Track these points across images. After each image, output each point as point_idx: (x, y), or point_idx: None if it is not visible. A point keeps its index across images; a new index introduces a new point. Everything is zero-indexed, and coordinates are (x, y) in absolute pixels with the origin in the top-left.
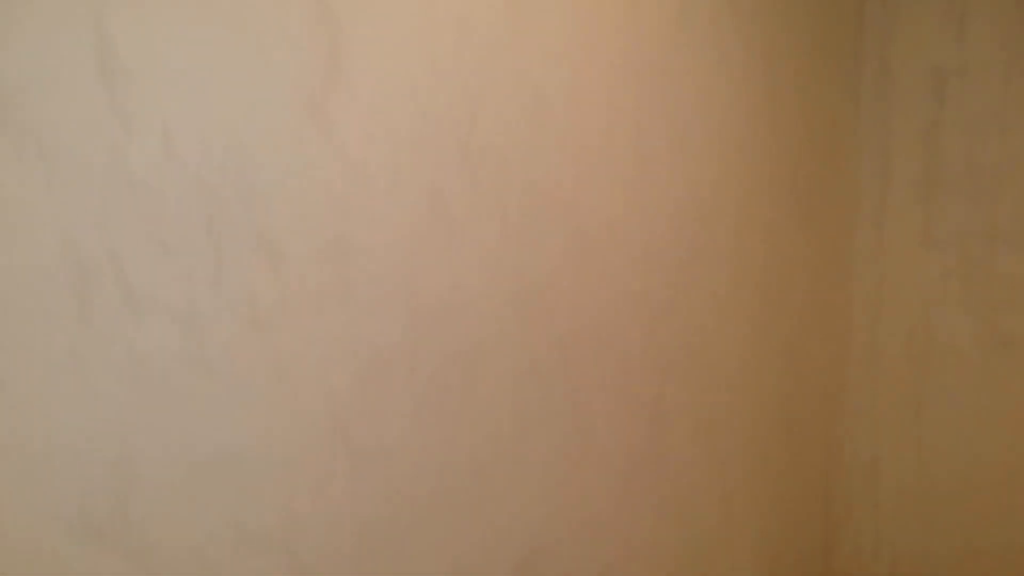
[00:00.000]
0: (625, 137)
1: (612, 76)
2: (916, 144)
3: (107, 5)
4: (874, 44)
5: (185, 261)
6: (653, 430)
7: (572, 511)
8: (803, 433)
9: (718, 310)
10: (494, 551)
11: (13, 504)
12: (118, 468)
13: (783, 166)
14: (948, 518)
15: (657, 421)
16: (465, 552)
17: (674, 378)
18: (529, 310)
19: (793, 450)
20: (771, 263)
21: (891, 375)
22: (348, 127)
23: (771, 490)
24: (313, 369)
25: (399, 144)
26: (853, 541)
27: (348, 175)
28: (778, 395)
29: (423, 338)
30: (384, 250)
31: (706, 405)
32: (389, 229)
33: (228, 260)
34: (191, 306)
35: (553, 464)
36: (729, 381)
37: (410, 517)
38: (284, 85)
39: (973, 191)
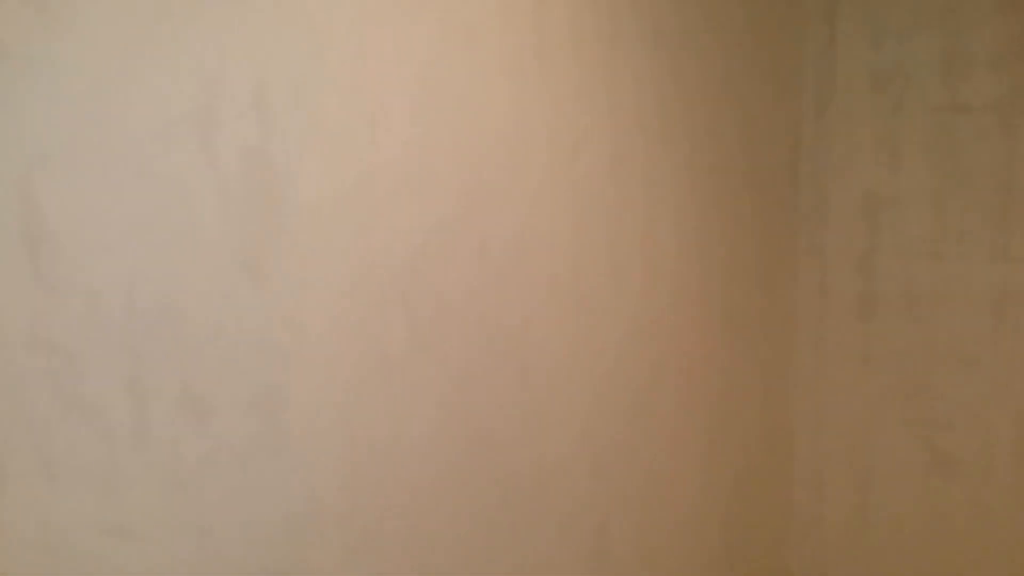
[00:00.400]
0: (568, 277)
1: (553, 218)
2: (853, 268)
3: (34, 169)
4: (810, 171)
5: (105, 423)
6: (596, 564)
7: None
8: (751, 558)
9: (666, 443)
10: None
11: None
12: None
13: (722, 295)
14: None
15: (601, 555)
16: None
17: (619, 511)
18: (473, 453)
19: (741, 565)
20: (716, 391)
21: (835, 494)
22: (285, 277)
23: None
24: (241, 527)
25: (338, 292)
26: None
27: (283, 325)
28: (725, 523)
29: (361, 488)
30: (320, 399)
31: (652, 537)
32: (326, 377)
33: (152, 418)
34: (110, 470)
35: None
36: (676, 511)
37: None
38: (217, 239)
39: (910, 313)
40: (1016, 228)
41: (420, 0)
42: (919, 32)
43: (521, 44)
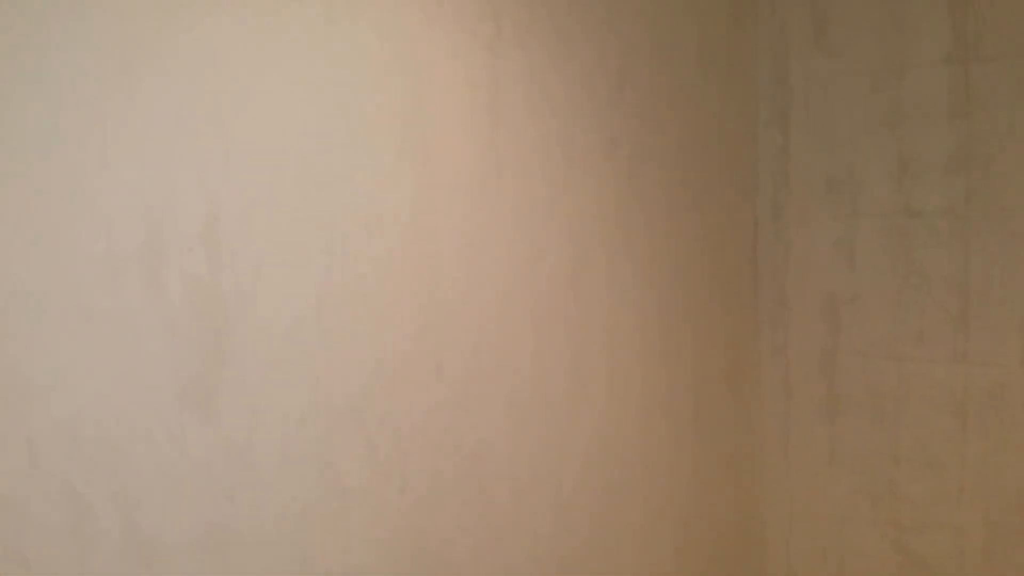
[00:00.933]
0: (528, 391)
1: (513, 332)
2: (816, 368)
3: None
4: (770, 273)
5: (48, 571)
6: None
7: None
8: None
9: (633, 553)
10: None
11: None
12: None
13: (690, 399)
14: None
15: None
16: None
17: None
18: None
19: None
20: (684, 496)
21: None
22: (233, 410)
23: None
24: None
25: (291, 422)
26: None
27: (231, 458)
28: None
29: None
30: (270, 531)
31: None
32: (276, 508)
33: (95, 563)
34: None
35: None
36: None
37: None
38: (163, 376)
39: (874, 414)
40: (974, 331)
41: (373, 121)
42: (871, 137)
43: (477, 160)
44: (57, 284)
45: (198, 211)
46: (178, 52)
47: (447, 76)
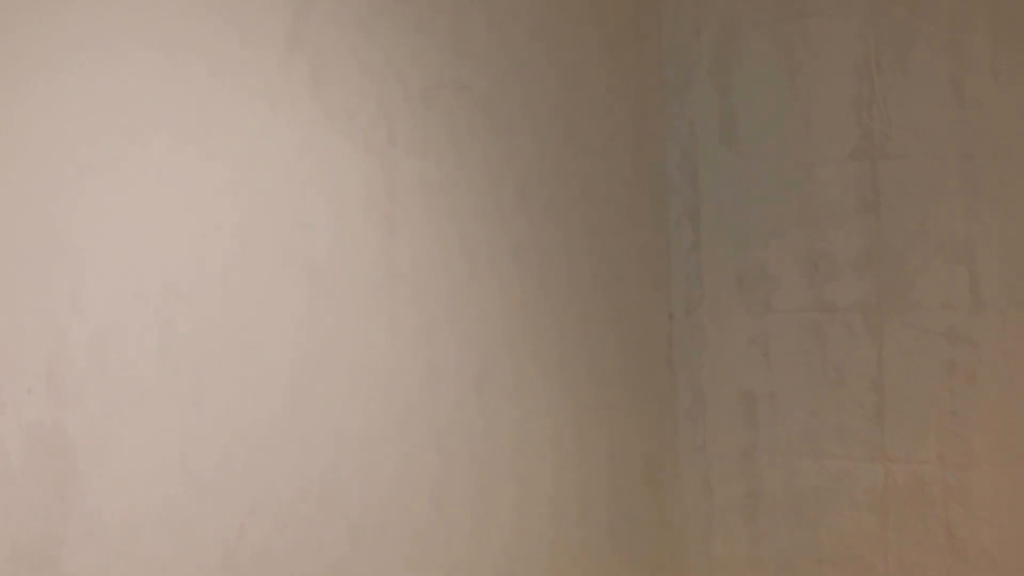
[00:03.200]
0: (425, 495)
1: (412, 448)
2: (735, 466)
3: None
4: (685, 369)
5: None
6: None
7: None
8: None
9: None
10: None
11: None
12: None
13: (607, 505)
14: None
15: None
16: None
17: None
18: None
19: None
20: None
21: None
22: (82, 564)
23: None
24: None
25: (148, 571)
26: None
27: None
28: None
29: None
30: None
31: None
32: None
33: None
34: None
35: None
36: None
37: None
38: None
39: (795, 513)
40: (891, 427)
41: (253, 233)
42: (782, 233)
43: (371, 271)
44: None
45: (41, 347)
46: (17, 159)
47: (337, 182)
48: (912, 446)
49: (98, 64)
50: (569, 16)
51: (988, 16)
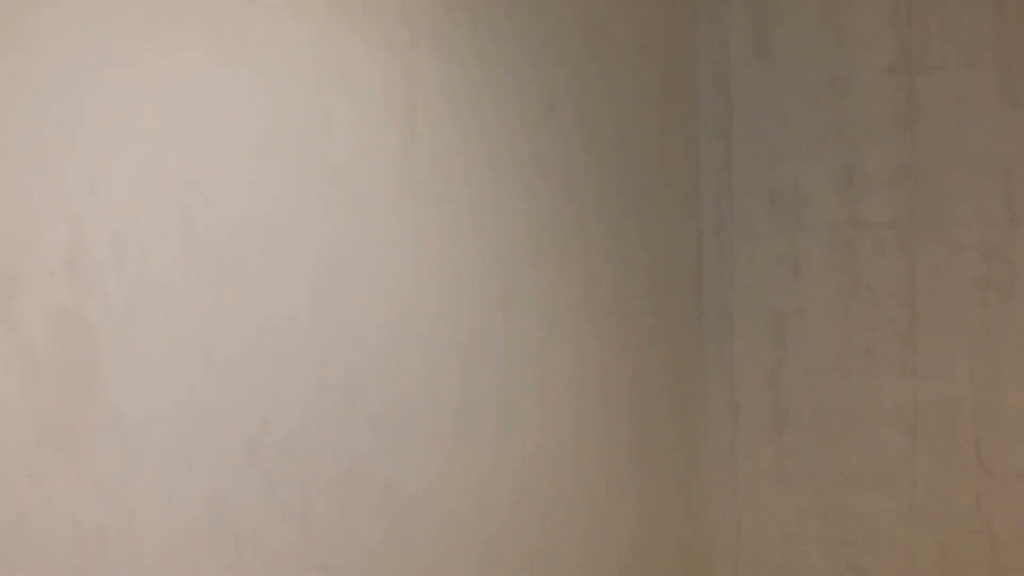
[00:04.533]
0: (449, 409)
1: (432, 349)
2: (762, 385)
3: None
4: (713, 288)
5: None
6: None
7: None
8: None
9: (548, 558)
10: None
11: None
12: None
13: (629, 421)
14: None
15: None
16: None
17: None
18: None
19: None
20: (628, 521)
21: None
22: (106, 455)
23: None
24: None
25: (173, 463)
26: None
27: (102, 508)
28: None
29: None
30: (147, 573)
31: None
32: (156, 558)
33: None
34: None
35: None
36: None
37: None
38: (21, 417)
39: (822, 430)
40: (922, 345)
41: (273, 134)
42: (815, 149)
43: (393, 178)
44: None
45: (62, 234)
46: (35, 48)
47: (357, 85)
48: (943, 364)
49: None
50: None
51: None
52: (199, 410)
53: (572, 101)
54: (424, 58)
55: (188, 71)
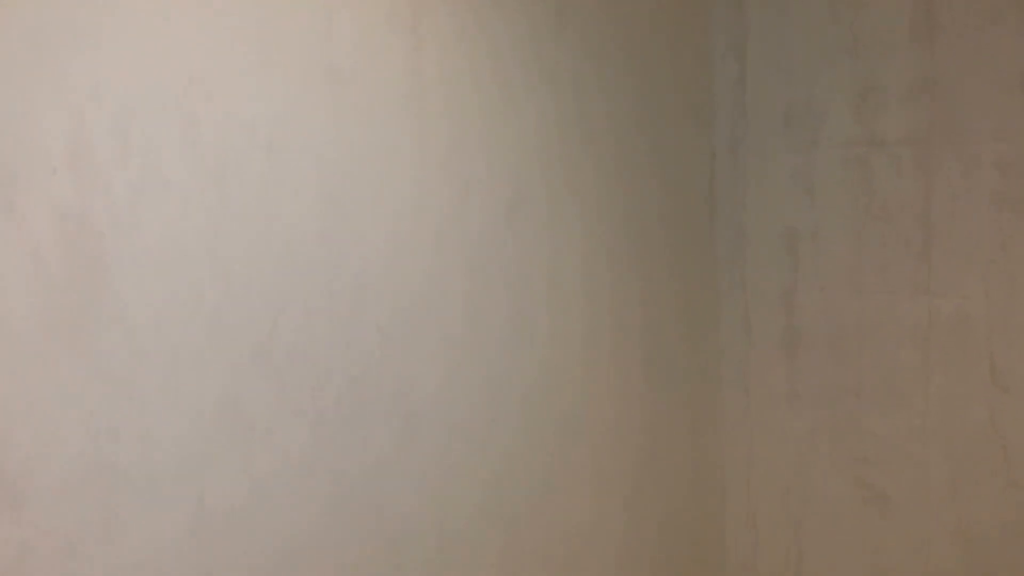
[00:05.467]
0: (456, 310)
1: (440, 257)
2: (775, 304)
3: None
4: (727, 207)
5: None
6: None
7: None
8: None
9: (586, 497)
10: None
11: None
12: None
13: (640, 337)
14: None
15: None
16: None
17: (522, 546)
18: (350, 508)
19: None
20: (639, 436)
21: (769, 535)
22: (113, 346)
23: None
24: None
25: (180, 359)
26: None
27: (110, 396)
28: (655, 572)
29: (216, 554)
30: (161, 470)
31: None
32: (168, 447)
33: None
34: None
35: None
36: (600, 565)
37: None
38: (29, 311)
39: (835, 349)
40: (937, 262)
41: (276, 42)
42: (830, 66)
43: (397, 85)
44: None
45: (64, 128)
46: None
47: None
48: (958, 280)
49: None
50: None
51: None
52: (207, 310)
53: (583, 13)
54: None
55: None
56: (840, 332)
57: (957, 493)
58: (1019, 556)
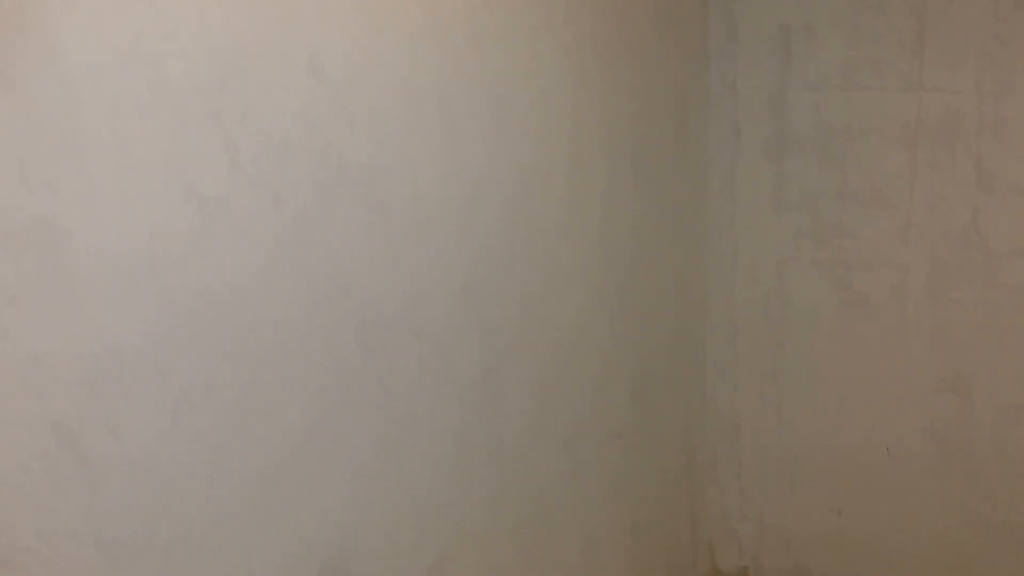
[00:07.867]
0: (432, 102)
1: (413, 40)
2: (765, 105)
3: None
4: (719, 4)
5: None
6: (485, 407)
7: (392, 504)
8: (663, 398)
9: (552, 277)
10: (292, 560)
11: None
12: None
13: (631, 137)
14: (810, 476)
15: (490, 398)
16: (251, 566)
17: (506, 350)
18: (322, 298)
19: (653, 415)
20: (624, 239)
21: (749, 337)
22: (47, 91)
23: (630, 457)
24: (25, 373)
25: (122, 110)
26: (719, 502)
27: (51, 152)
28: (636, 361)
29: (177, 337)
30: (112, 241)
31: (546, 371)
32: (117, 215)
33: None
34: None
35: (365, 458)
36: (578, 347)
37: (170, 534)
38: None
39: (822, 152)
40: (930, 56)
41: None
42: None
43: None
44: None
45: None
46: None
47: None
48: (950, 75)
49: None
50: None
51: None
52: (149, 59)
53: None
54: None
55: None
56: (829, 134)
57: (935, 295)
58: (997, 356)
